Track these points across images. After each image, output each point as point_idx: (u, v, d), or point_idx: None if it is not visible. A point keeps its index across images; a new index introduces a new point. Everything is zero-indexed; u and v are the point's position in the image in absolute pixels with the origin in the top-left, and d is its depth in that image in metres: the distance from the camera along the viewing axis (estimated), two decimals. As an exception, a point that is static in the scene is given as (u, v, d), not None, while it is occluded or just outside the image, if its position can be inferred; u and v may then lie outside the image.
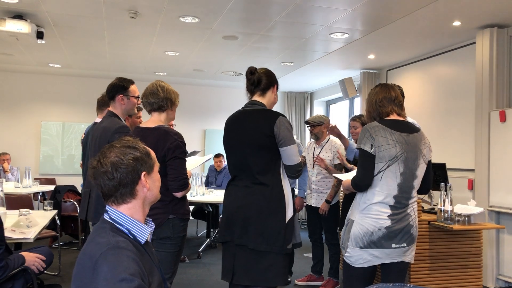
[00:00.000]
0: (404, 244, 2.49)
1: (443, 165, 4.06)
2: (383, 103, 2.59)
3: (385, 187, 2.47)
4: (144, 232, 1.52)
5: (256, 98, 2.63)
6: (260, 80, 2.60)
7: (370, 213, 2.48)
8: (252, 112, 2.56)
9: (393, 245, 2.46)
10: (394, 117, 2.59)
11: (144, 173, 1.51)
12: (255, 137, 2.47)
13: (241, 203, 2.47)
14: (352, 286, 2.57)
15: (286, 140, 2.44)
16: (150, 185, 1.54)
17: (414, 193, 2.56)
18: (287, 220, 2.43)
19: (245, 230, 2.42)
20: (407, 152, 2.48)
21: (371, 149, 2.46)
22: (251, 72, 2.62)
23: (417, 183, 2.54)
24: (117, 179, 1.46)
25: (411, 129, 2.57)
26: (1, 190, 3.65)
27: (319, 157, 4.19)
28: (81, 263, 1.40)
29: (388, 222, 2.45)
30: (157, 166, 1.59)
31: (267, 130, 2.44)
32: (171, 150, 2.51)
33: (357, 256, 2.51)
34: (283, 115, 2.52)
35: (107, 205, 1.52)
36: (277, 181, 2.47)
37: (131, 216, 1.50)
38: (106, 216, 1.51)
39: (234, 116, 2.66)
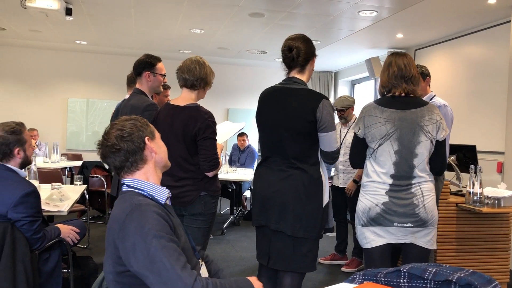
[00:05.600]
0: (410, 225, 2.36)
1: (473, 147, 3.99)
2: (386, 80, 2.47)
3: (380, 166, 2.41)
4: (162, 193, 1.59)
5: (295, 74, 2.38)
6: (299, 55, 2.34)
7: (368, 190, 2.45)
8: (293, 91, 2.33)
9: (395, 224, 2.36)
10: (398, 93, 2.44)
11: (147, 137, 1.59)
12: (294, 121, 2.28)
13: (277, 187, 2.32)
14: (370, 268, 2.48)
15: (328, 126, 2.27)
16: (156, 149, 1.61)
17: (420, 172, 2.38)
18: (323, 206, 2.34)
19: (282, 215, 2.29)
20: (400, 129, 2.36)
21: (358, 130, 2.49)
22: (290, 49, 2.35)
23: (418, 161, 2.37)
24: (124, 148, 1.54)
25: (410, 104, 2.39)
26: (34, 164, 3.73)
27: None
28: (110, 229, 1.48)
29: (385, 198, 2.38)
30: (158, 134, 1.67)
31: (309, 114, 2.25)
32: (201, 130, 2.51)
33: (361, 235, 2.48)
34: (326, 98, 2.31)
35: (122, 179, 1.60)
36: (315, 166, 2.33)
37: (146, 180, 1.58)
38: (124, 188, 1.58)
39: (270, 92, 2.43)
